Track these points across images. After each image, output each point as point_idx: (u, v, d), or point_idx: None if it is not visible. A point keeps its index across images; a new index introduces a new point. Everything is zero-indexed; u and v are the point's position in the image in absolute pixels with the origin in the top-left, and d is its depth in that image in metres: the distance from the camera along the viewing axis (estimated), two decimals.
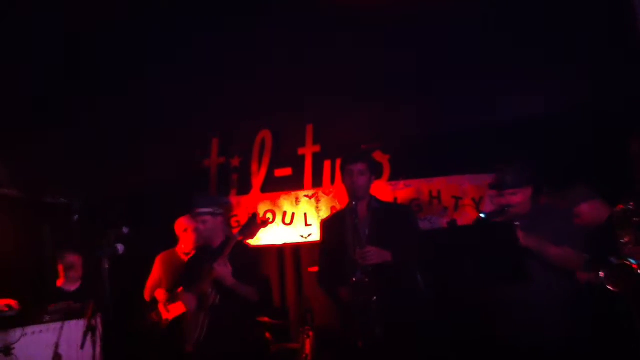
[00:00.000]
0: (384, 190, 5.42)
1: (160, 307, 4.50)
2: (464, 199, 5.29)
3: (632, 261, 3.13)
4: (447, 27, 5.13)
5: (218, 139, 6.33)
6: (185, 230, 4.76)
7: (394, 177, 5.52)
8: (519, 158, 3.70)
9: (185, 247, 4.78)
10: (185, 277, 4.26)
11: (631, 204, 3.28)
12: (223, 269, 3.74)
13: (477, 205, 5.21)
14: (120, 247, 3.60)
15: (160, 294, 4.53)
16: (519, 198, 3.42)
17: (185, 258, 4.71)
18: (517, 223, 3.32)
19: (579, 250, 3.35)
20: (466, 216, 5.24)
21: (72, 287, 4.94)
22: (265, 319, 4.95)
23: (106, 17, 5.44)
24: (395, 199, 5.40)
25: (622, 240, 3.26)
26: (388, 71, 5.42)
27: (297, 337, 5.05)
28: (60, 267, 4.95)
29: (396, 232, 3.71)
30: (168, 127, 6.09)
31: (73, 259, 4.98)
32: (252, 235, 4.15)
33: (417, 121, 5.36)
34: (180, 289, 4.35)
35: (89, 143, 5.86)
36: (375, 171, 4.11)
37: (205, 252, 4.07)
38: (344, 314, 3.75)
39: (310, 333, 4.79)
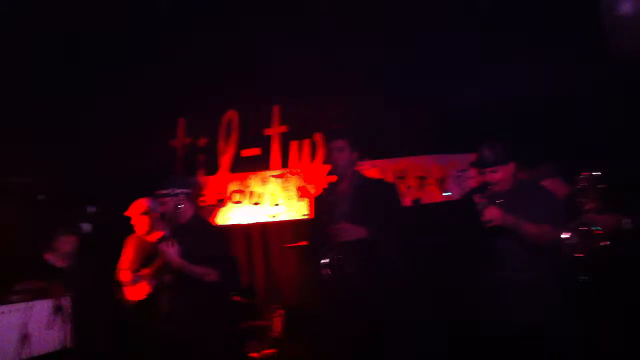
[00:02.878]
0: None
1: (126, 288, 4.51)
2: (428, 178, 5.41)
3: (595, 228, 3.22)
4: (417, 7, 5.19)
5: (185, 119, 6.31)
6: (140, 213, 4.77)
7: (360, 157, 5.58)
8: (489, 138, 3.79)
9: (139, 230, 4.77)
10: (148, 258, 4.29)
11: (598, 172, 3.36)
12: (167, 250, 3.76)
13: (441, 185, 5.34)
14: (85, 226, 3.57)
15: (126, 276, 4.53)
16: (499, 175, 3.45)
17: (152, 240, 4.72)
18: (499, 201, 3.40)
19: (559, 226, 3.43)
20: (430, 195, 5.38)
21: (61, 263, 4.89)
22: (236, 297, 4.98)
23: None
24: None
25: (585, 207, 3.33)
26: (355, 53, 5.46)
27: (265, 315, 5.12)
28: (53, 243, 4.90)
29: (376, 209, 3.67)
30: (134, 107, 6.02)
31: (65, 238, 4.90)
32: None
33: (383, 102, 5.41)
34: (144, 270, 4.38)
35: (56, 125, 5.78)
36: (358, 147, 4.08)
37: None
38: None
39: (281, 311, 4.86)
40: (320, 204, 3.98)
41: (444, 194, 3.65)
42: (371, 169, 5.52)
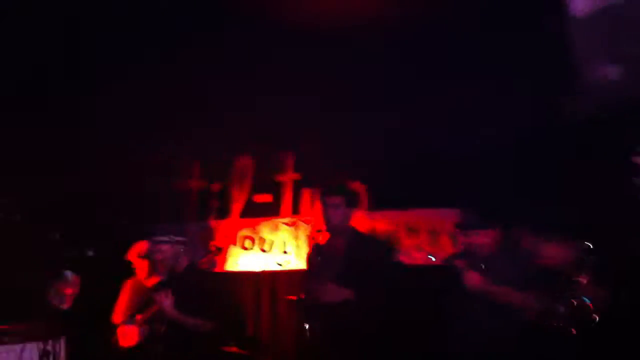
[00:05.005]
0: (360, 219, 5.37)
1: (118, 332, 4.46)
2: (441, 233, 5.24)
3: (587, 300, 3.10)
4: (417, 56, 5.13)
5: (200, 163, 6.30)
6: (139, 256, 4.74)
7: (371, 207, 5.49)
8: (487, 196, 3.70)
9: (138, 273, 4.73)
10: (144, 303, 4.26)
11: (587, 243, 3.26)
12: (162, 300, 3.71)
13: (454, 241, 5.16)
14: (68, 274, 3.56)
15: (118, 319, 4.49)
16: (482, 239, 3.38)
17: (149, 284, 4.67)
18: (482, 265, 3.29)
19: (539, 294, 3.30)
20: (442, 251, 5.20)
21: (60, 305, 4.89)
22: (233, 348, 4.86)
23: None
24: (373, 229, 5.36)
25: (576, 279, 3.22)
26: (369, 102, 5.41)
27: None
28: (55, 284, 4.93)
29: (367, 271, 3.53)
30: (152, 148, 6.06)
31: (68, 277, 4.94)
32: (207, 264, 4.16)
33: (397, 154, 5.32)
34: (138, 316, 4.33)
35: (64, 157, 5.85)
36: (354, 203, 4.02)
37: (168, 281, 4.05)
38: None
39: None
40: (312, 260, 3.89)
41: (429, 257, 3.58)
42: (382, 220, 5.40)
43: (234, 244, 5.75)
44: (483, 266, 3.28)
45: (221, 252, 4.45)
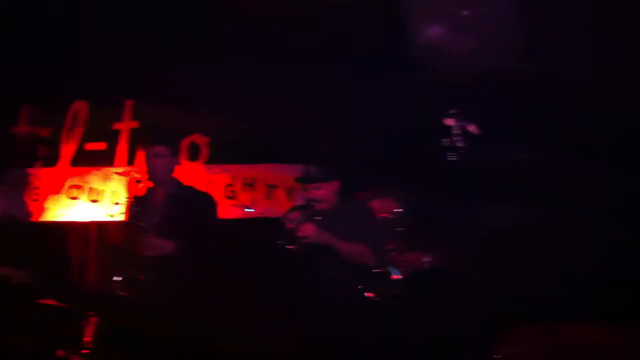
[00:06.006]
0: (199, 173, 5.28)
1: None
2: (278, 187, 5.24)
3: (392, 271, 3.22)
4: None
5: (29, 107, 5.83)
6: None
7: (211, 160, 5.38)
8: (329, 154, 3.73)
9: None
10: None
11: (398, 210, 3.38)
12: None
13: (291, 195, 5.18)
14: None
15: None
16: (322, 193, 3.43)
17: None
18: (318, 218, 3.33)
19: (375, 247, 3.36)
20: (279, 205, 5.21)
21: None
22: (51, 301, 4.59)
23: None
24: (209, 183, 5.26)
25: (387, 247, 3.34)
26: (218, 54, 5.27)
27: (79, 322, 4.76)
28: None
29: (187, 223, 3.53)
30: None
31: None
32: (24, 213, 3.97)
33: (239, 108, 5.21)
34: None
35: None
36: (180, 154, 3.93)
37: None
38: None
39: (94, 319, 4.51)
40: (131, 211, 3.78)
41: (245, 210, 3.62)
42: (220, 174, 5.32)
43: (60, 193, 5.40)
44: (320, 218, 3.32)
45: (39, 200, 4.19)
